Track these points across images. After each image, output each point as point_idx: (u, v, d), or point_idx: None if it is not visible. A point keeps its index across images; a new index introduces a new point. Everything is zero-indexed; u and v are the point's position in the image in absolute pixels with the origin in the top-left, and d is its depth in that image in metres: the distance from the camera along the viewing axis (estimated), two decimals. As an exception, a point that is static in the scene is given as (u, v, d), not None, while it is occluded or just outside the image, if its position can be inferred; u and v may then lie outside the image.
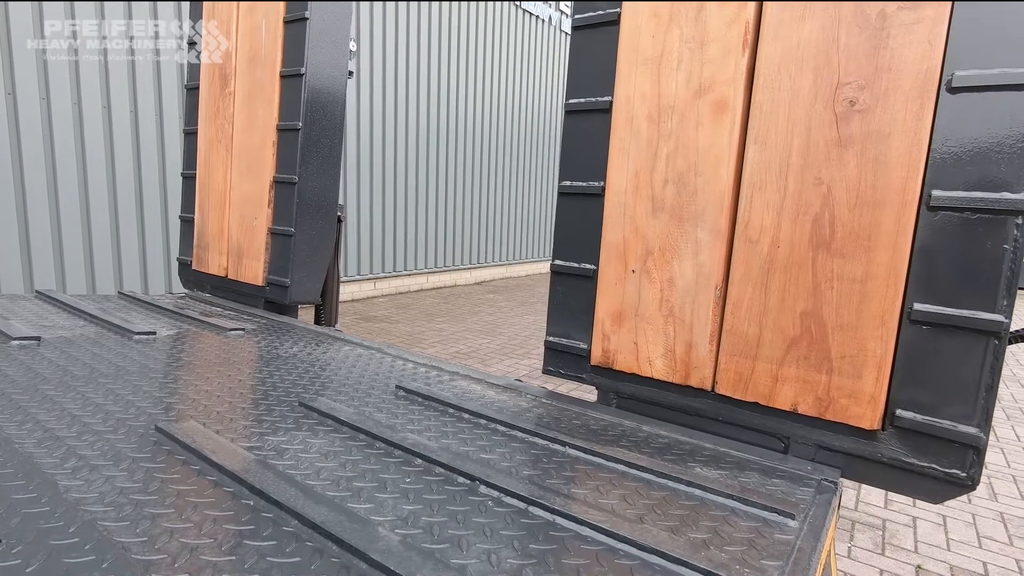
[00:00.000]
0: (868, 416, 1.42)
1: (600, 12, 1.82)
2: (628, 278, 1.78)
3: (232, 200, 3.18)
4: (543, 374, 2.06)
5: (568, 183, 1.92)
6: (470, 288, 10.06)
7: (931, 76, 1.30)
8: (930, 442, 1.37)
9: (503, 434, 1.54)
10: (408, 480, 1.23)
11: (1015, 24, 1.23)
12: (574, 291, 1.93)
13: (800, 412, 1.51)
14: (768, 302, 1.53)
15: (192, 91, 3.50)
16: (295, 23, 2.82)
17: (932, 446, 1.37)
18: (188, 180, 3.55)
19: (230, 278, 3.21)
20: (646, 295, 1.75)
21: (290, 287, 2.90)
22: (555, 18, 11.89)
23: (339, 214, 3.13)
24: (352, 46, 3.06)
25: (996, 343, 1.28)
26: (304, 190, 2.87)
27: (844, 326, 1.43)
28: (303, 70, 2.78)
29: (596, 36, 1.84)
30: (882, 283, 1.37)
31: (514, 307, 8.50)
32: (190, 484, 1.14)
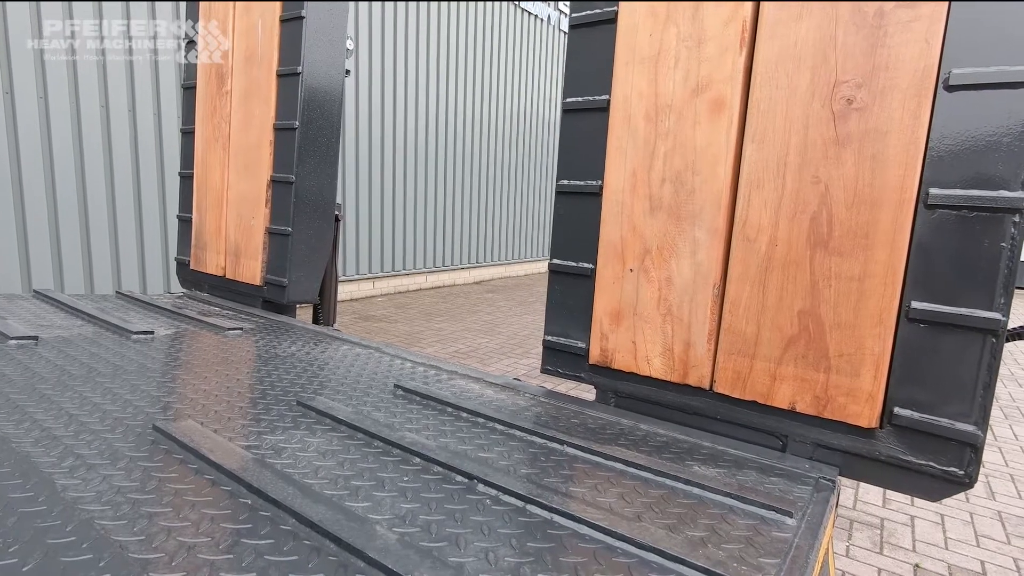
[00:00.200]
0: (866, 414, 1.42)
1: (597, 11, 1.82)
2: (626, 277, 1.78)
3: (229, 200, 3.17)
4: (541, 373, 2.06)
5: (566, 182, 1.92)
6: (469, 287, 10.06)
7: (928, 74, 1.31)
8: (928, 440, 1.37)
9: (501, 433, 1.54)
10: (406, 479, 1.23)
11: (1012, 22, 1.24)
12: (572, 290, 1.93)
13: (798, 410, 1.51)
14: (766, 301, 1.53)
15: (189, 90, 3.50)
16: (291, 22, 2.82)
17: (930, 444, 1.37)
18: (186, 179, 3.54)
19: (228, 278, 3.20)
20: (644, 294, 1.75)
21: (288, 287, 2.90)
22: (554, 17, 11.89)
23: (337, 213, 3.13)
24: (349, 45, 3.05)
25: (994, 341, 1.28)
26: (301, 189, 2.87)
27: (842, 324, 1.43)
28: (300, 69, 2.78)
29: (593, 35, 1.84)
30: (880, 281, 1.38)
31: (513, 306, 8.50)
32: (188, 483, 1.14)
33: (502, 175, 10.98)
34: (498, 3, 10.21)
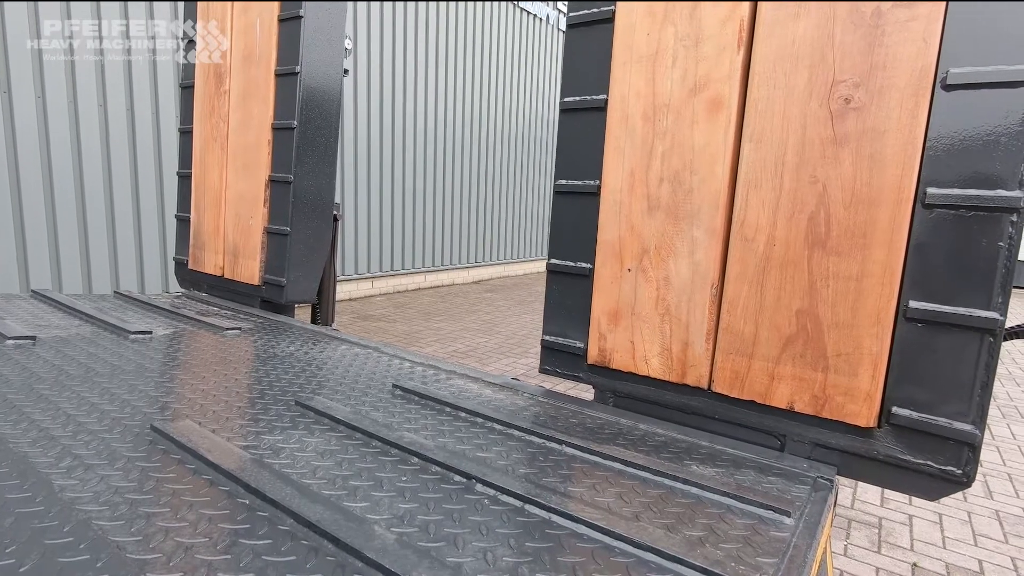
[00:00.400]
0: (864, 414, 1.42)
1: (595, 10, 1.82)
2: (624, 277, 1.78)
3: (228, 199, 3.17)
4: (540, 373, 2.06)
5: (564, 182, 1.92)
6: (468, 287, 10.05)
7: (926, 73, 1.31)
8: (926, 439, 1.37)
9: (500, 433, 1.54)
10: (404, 479, 1.23)
11: (1010, 21, 1.24)
12: (570, 290, 1.93)
13: (796, 410, 1.52)
14: (764, 300, 1.53)
15: (187, 89, 3.49)
16: (290, 21, 2.82)
17: (928, 443, 1.37)
18: (184, 179, 3.54)
19: (226, 277, 3.20)
20: (642, 294, 1.75)
21: (286, 286, 2.90)
22: (553, 17, 11.88)
23: (335, 213, 3.13)
24: (348, 44, 3.05)
25: (991, 340, 1.28)
26: (300, 189, 2.86)
27: (840, 324, 1.43)
28: (298, 69, 2.78)
29: (591, 34, 1.84)
30: (877, 281, 1.38)
31: (511, 306, 8.50)
32: (185, 483, 1.14)
33: (501, 174, 10.98)
34: (497, 3, 10.20)
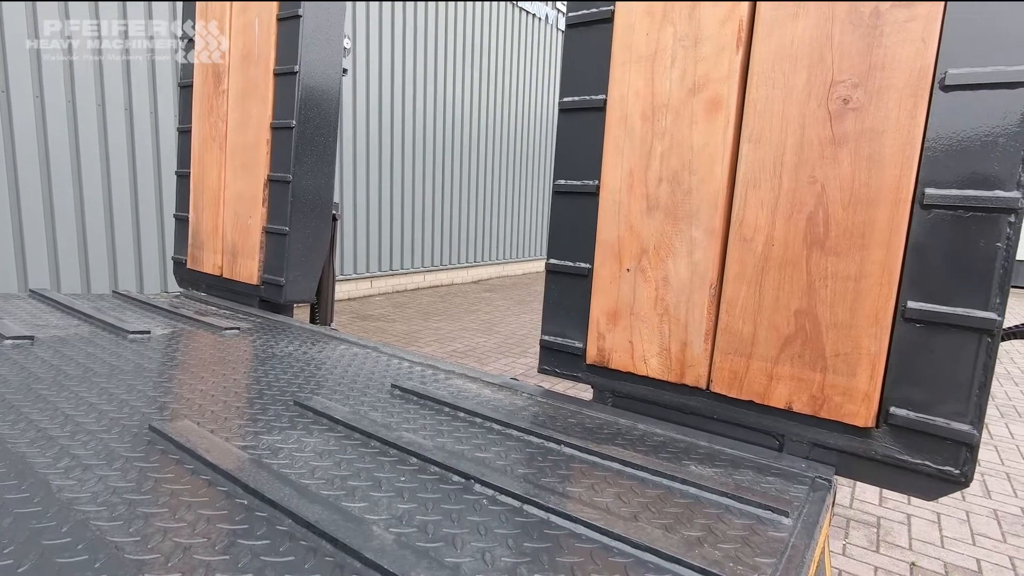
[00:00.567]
0: (862, 414, 1.42)
1: (594, 10, 1.82)
2: (623, 277, 1.78)
3: (226, 199, 3.17)
4: (539, 373, 2.06)
5: (563, 182, 1.92)
6: (467, 287, 10.05)
7: (924, 74, 1.31)
8: (924, 439, 1.38)
9: (498, 433, 1.54)
10: (403, 479, 1.23)
11: (1008, 22, 1.24)
12: (569, 290, 1.93)
13: (795, 410, 1.52)
14: (763, 300, 1.53)
15: (186, 89, 3.49)
16: (288, 20, 2.81)
17: (926, 443, 1.37)
18: (182, 179, 3.53)
19: (225, 277, 3.20)
20: (641, 294, 1.75)
21: (285, 286, 2.90)
22: (552, 17, 11.88)
23: (334, 212, 3.13)
24: (347, 43, 3.04)
25: (989, 341, 1.29)
26: (299, 188, 2.86)
27: (838, 324, 1.43)
28: (297, 68, 2.77)
29: (590, 34, 1.84)
30: (876, 281, 1.38)
31: (511, 306, 8.50)
32: (184, 483, 1.14)
33: (500, 174, 10.98)
34: (496, 2, 10.19)
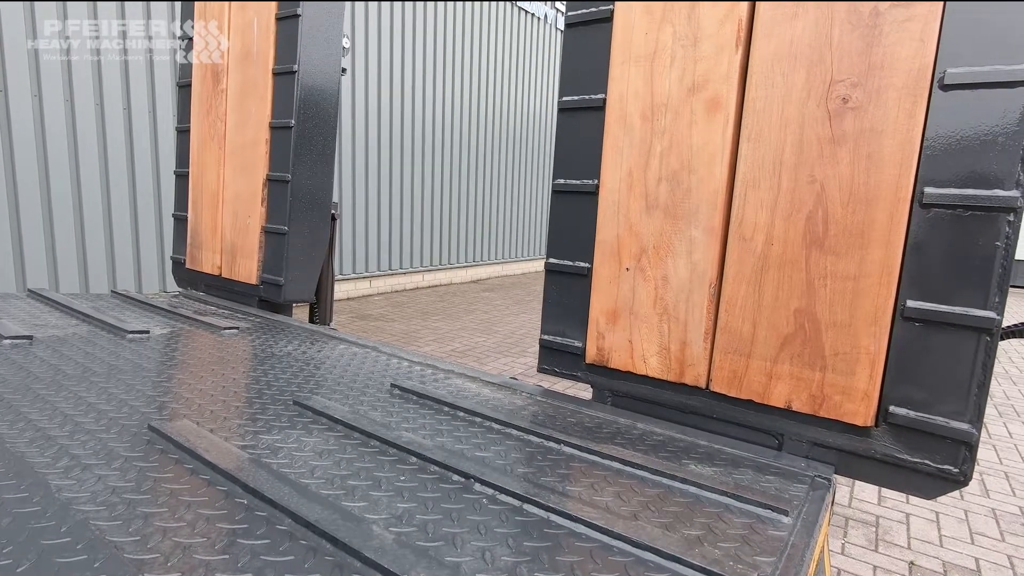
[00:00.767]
0: (861, 413, 1.43)
1: (593, 9, 1.82)
2: (622, 276, 1.78)
3: (225, 198, 3.16)
4: (538, 372, 2.06)
5: (562, 181, 1.92)
6: (466, 286, 10.05)
7: (923, 73, 1.31)
8: (923, 438, 1.38)
9: (498, 432, 1.54)
10: (403, 478, 1.23)
11: (1007, 21, 1.24)
12: (569, 289, 1.93)
13: (794, 409, 1.52)
14: (762, 300, 1.53)
15: (184, 88, 3.48)
16: (287, 20, 2.81)
17: (925, 442, 1.38)
18: (181, 178, 3.53)
19: (224, 277, 3.20)
20: (640, 293, 1.75)
21: (284, 285, 2.89)
22: (551, 16, 11.87)
23: (333, 212, 3.12)
24: (345, 43, 3.04)
25: (988, 340, 1.29)
26: (298, 188, 2.86)
27: (837, 323, 1.43)
28: (295, 67, 2.77)
29: (589, 33, 1.84)
30: (875, 280, 1.38)
31: (509, 305, 8.50)
32: (183, 483, 1.14)
33: (499, 174, 10.97)
34: (495, 2, 10.19)
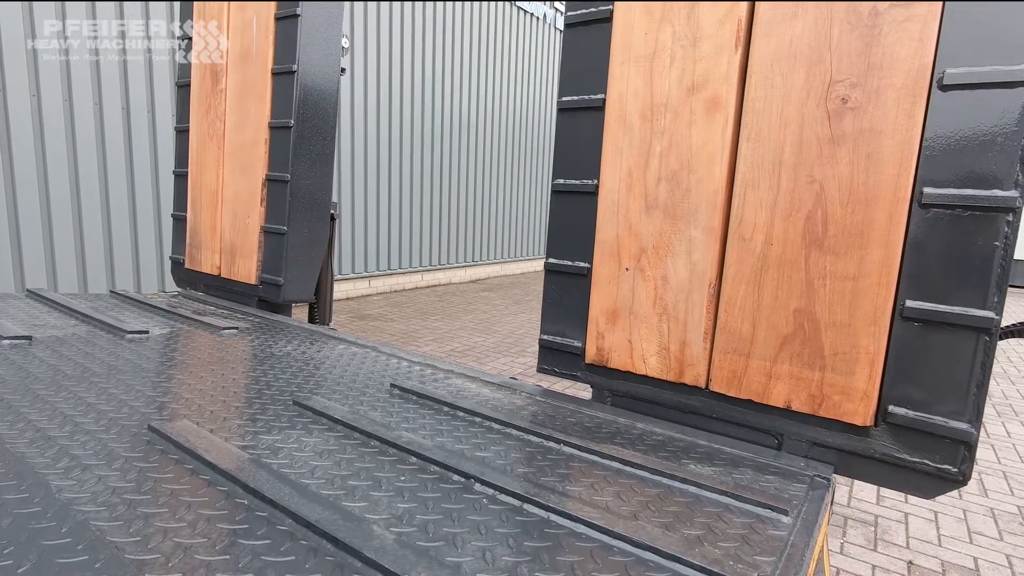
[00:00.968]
0: (861, 413, 1.43)
1: (593, 9, 1.82)
2: (622, 276, 1.78)
3: (224, 198, 3.16)
4: (538, 372, 2.06)
5: (562, 181, 1.92)
6: (465, 286, 10.05)
7: (923, 73, 1.31)
8: (922, 438, 1.38)
9: (498, 432, 1.54)
10: (403, 478, 1.23)
11: (1006, 21, 1.24)
12: (568, 289, 1.93)
13: (793, 409, 1.52)
14: (761, 300, 1.54)
15: (183, 88, 3.48)
16: (286, 20, 2.81)
17: (924, 442, 1.38)
18: (180, 178, 3.53)
19: (223, 276, 3.19)
20: (640, 293, 1.75)
21: (283, 285, 2.89)
22: (550, 16, 11.87)
23: (333, 212, 3.12)
24: (345, 43, 3.04)
25: (987, 339, 1.29)
26: (297, 188, 2.86)
27: (837, 323, 1.43)
28: (295, 67, 2.77)
29: (589, 33, 1.84)
30: (874, 280, 1.38)
31: (509, 305, 8.50)
32: (183, 483, 1.14)
33: (498, 174, 10.97)
34: (494, 1, 10.19)
